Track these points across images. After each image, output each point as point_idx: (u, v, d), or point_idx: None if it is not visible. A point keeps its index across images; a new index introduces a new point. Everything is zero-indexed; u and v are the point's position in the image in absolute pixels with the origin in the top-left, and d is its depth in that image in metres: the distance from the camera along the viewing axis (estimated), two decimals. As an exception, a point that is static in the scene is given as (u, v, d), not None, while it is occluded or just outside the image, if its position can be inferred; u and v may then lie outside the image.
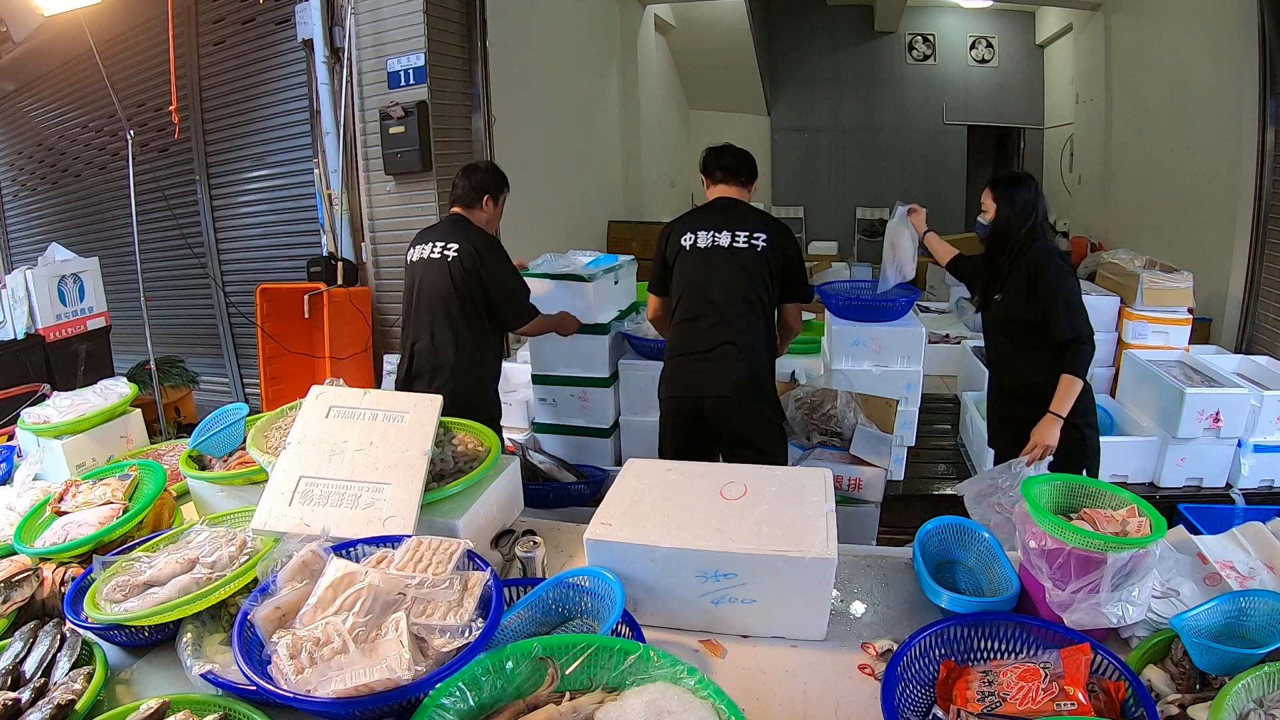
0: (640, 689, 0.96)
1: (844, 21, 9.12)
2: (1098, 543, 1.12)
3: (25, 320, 3.60)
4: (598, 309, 2.99)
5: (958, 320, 5.38)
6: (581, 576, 1.27)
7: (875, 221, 9.54)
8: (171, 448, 2.05)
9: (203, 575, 1.25)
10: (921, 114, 9.26)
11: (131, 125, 3.80)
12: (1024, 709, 0.99)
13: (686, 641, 1.29)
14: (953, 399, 4.11)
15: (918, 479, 3.32)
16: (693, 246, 2.34)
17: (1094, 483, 1.31)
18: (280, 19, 4.03)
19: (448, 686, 0.95)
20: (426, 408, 1.59)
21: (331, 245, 3.95)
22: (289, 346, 3.97)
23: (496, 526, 1.62)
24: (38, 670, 1.15)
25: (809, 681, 1.19)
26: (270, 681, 0.96)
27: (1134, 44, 6.20)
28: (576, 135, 5.98)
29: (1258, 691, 0.97)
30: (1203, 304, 3.97)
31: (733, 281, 2.27)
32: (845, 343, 3.05)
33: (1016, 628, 1.17)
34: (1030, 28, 8.84)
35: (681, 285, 2.35)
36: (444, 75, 3.78)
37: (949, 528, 1.48)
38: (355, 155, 3.86)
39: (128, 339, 4.57)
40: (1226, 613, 1.13)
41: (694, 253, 2.33)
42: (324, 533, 1.23)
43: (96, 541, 1.42)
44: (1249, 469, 3.00)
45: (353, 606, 1.02)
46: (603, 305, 3.03)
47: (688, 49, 8.77)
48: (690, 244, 2.34)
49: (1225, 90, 4.46)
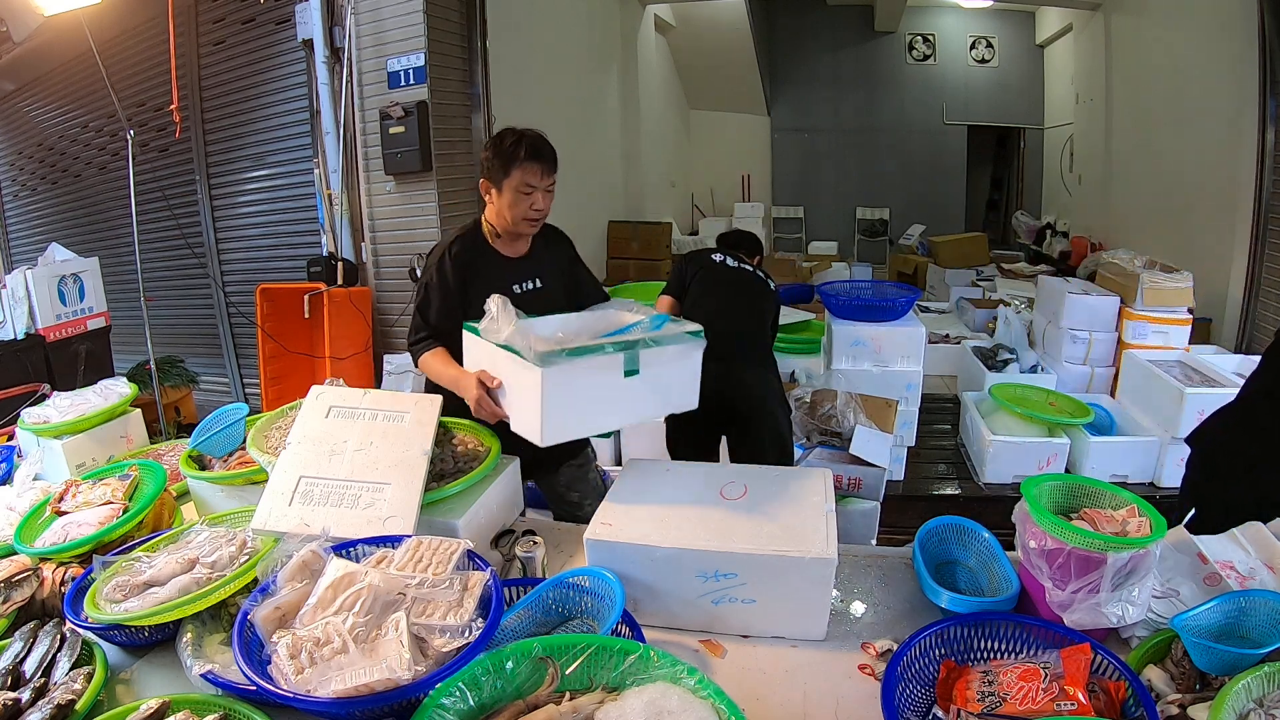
0: (640, 689, 0.96)
1: (844, 21, 9.12)
2: (1098, 543, 1.12)
3: (25, 320, 3.60)
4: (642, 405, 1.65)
5: (958, 320, 5.39)
6: (581, 576, 1.27)
7: (875, 222, 9.55)
8: (171, 448, 2.05)
9: (203, 575, 1.25)
10: (921, 114, 9.26)
11: (131, 125, 3.80)
12: (1024, 709, 0.99)
13: (686, 641, 1.29)
14: (953, 399, 4.11)
15: (918, 479, 3.32)
16: (722, 262, 2.59)
17: (1094, 482, 1.31)
18: (280, 19, 4.03)
19: (448, 686, 0.95)
20: (426, 408, 1.59)
21: (331, 245, 3.95)
22: (289, 346, 3.97)
23: (496, 526, 1.62)
24: (38, 670, 1.15)
25: (809, 681, 1.19)
26: (270, 681, 0.96)
27: (1134, 44, 6.20)
28: (576, 135, 5.97)
29: (1258, 691, 0.97)
30: (1203, 304, 3.97)
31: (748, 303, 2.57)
32: (845, 343, 3.05)
33: (1016, 628, 1.17)
34: (1030, 28, 8.84)
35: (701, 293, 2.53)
36: (444, 75, 3.78)
37: (949, 528, 1.48)
38: (355, 155, 3.86)
39: (128, 339, 4.57)
40: (1226, 613, 1.13)
41: (722, 268, 2.57)
42: (324, 533, 1.23)
43: (96, 541, 1.42)
44: (1249, 469, 3.00)
45: (353, 606, 1.02)
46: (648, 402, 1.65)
47: (688, 49, 8.77)
48: (720, 260, 2.60)
49: (1225, 90, 4.46)
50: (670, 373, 1.59)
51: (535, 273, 1.94)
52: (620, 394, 1.54)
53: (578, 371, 1.46)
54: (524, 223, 1.83)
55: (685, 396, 1.66)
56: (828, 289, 3.26)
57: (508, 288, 1.85)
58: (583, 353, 1.46)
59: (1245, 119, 3.99)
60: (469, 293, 1.84)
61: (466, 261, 1.87)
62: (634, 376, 1.53)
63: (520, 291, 1.90)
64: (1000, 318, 4.26)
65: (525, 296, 1.88)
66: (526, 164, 1.77)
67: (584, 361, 1.46)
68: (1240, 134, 4.07)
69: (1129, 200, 6.33)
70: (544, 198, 1.82)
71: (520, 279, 1.91)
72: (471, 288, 1.84)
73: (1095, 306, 3.74)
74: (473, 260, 1.88)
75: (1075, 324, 3.76)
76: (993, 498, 3.13)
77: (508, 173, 1.77)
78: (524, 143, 1.77)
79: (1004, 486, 3.18)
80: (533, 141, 1.79)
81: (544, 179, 1.80)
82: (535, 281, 1.94)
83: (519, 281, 1.91)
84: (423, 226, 3.83)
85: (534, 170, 1.78)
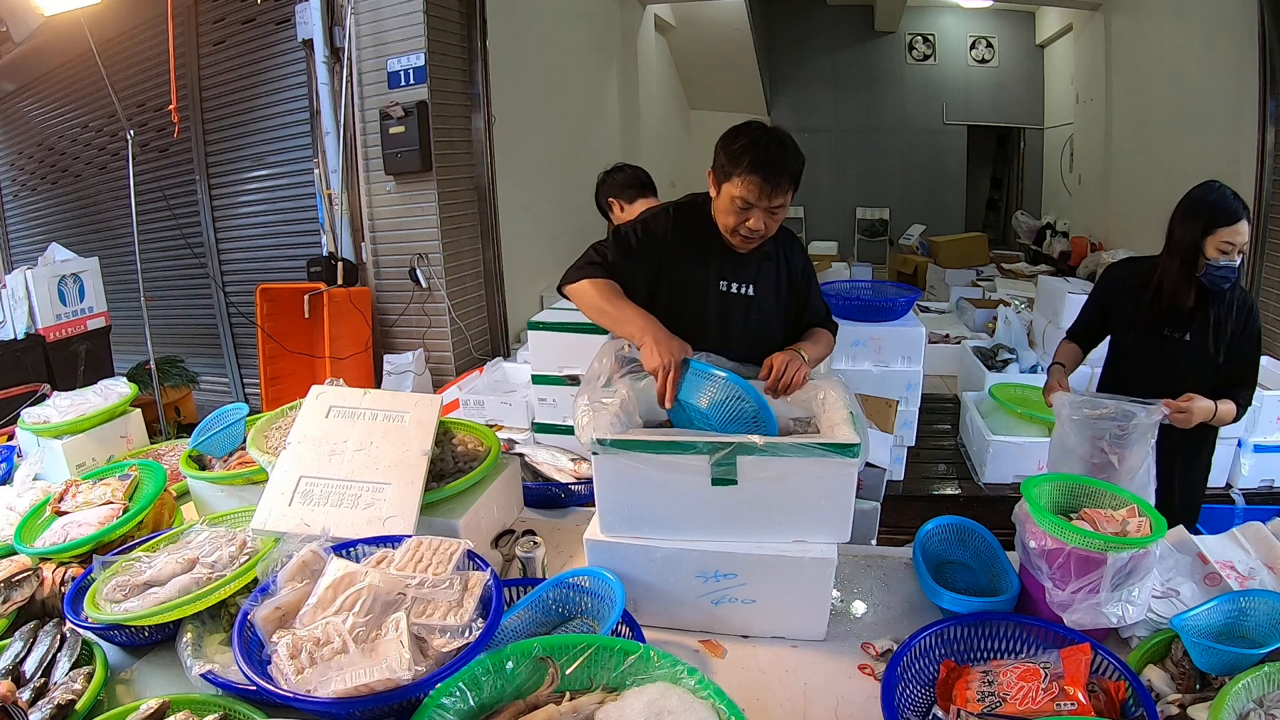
0: (640, 689, 0.96)
1: (844, 21, 9.12)
2: (1098, 543, 1.12)
3: (25, 320, 3.60)
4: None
5: (958, 320, 5.39)
6: (581, 576, 1.27)
7: (875, 222, 9.54)
8: (171, 448, 2.05)
9: (203, 575, 1.25)
10: (921, 114, 9.26)
11: (131, 125, 3.80)
12: (1024, 709, 0.99)
13: (686, 641, 1.29)
14: (953, 399, 4.11)
15: (918, 479, 3.31)
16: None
17: (1094, 482, 1.31)
18: (280, 19, 4.03)
19: (448, 686, 0.95)
20: (426, 407, 1.59)
21: (331, 245, 3.95)
22: (289, 346, 3.97)
23: (496, 526, 1.62)
24: (38, 670, 1.15)
25: (809, 681, 1.19)
26: (270, 681, 0.96)
27: (1134, 44, 6.20)
28: (576, 135, 5.97)
29: (1258, 691, 0.98)
30: (1203, 304, 3.96)
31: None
32: (845, 343, 3.04)
33: (1016, 628, 1.17)
34: (1030, 28, 8.84)
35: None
36: (444, 75, 3.78)
37: (949, 528, 1.48)
38: (355, 155, 3.86)
39: (128, 339, 4.57)
40: (1226, 613, 1.13)
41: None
42: (324, 533, 1.23)
43: (96, 541, 1.42)
44: (1249, 469, 3.00)
45: (353, 606, 1.02)
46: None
47: (688, 49, 8.76)
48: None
49: (1225, 90, 4.46)
50: (795, 490, 1.23)
51: (753, 277, 1.61)
52: (707, 505, 1.25)
53: (636, 465, 1.23)
54: (735, 237, 1.53)
55: (831, 524, 1.25)
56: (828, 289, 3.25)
57: (714, 282, 1.58)
58: (640, 448, 1.22)
59: (1245, 119, 3.99)
60: (665, 263, 1.55)
61: (685, 229, 1.57)
62: (728, 487, 1.23)
63: (726, 290, 1.60)
64: (1000, 318, 4.26)
65: (731, 300, 1.60)
66: (748, 176, 1.44)
67: (644, 457, 1.22)
68: (1240, 134, 4.07)
69: (1129, 200, 6.33)
70: (763, 219, 1.48)
71: (732, 278, 1.60)
72: (672, 260, 1.55)
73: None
74: (692, 231, 1.57)
75: (1075, 324, 3.75)
76: (993, 498, 3.13)
77: (729, 177, 1.47)
78: (754, 151, 1.44)
79: (1004, 486, 3.18)
80: (764, 152, 1.44)
81: (768, 198, 1.45)
82: (748, 288, 1.61)
83: (729, 280, 1.59)
84: (423, 226, 3.83)
85: (753, 186, 1.44)
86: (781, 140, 1.47)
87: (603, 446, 1.22)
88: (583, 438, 1.24)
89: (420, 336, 3.98)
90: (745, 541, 1.26)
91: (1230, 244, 1.80)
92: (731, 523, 1.26)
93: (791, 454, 1.18)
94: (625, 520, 1.29)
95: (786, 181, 1.46)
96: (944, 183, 9.41)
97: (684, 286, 1.59)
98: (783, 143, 1.47)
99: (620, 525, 1.29)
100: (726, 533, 1.26)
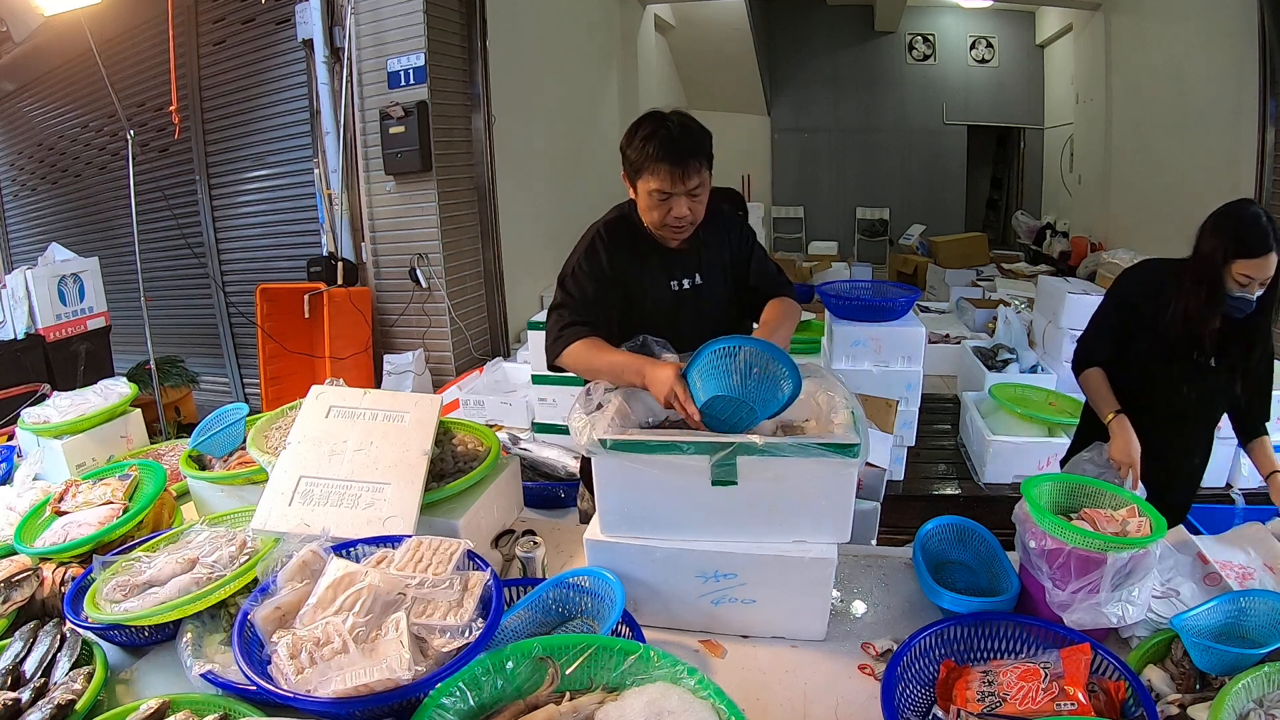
0: (640, 689, 0.96)
1: (844, 21, 9.12)
2: (1098, 543, 1.12)
3: (25, 320, 3.60)
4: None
5: (958, 320, 5.39)
6: (581, 576, 1.27)
7: (875, 222, 9.55)
8: (171, 448, 2.05)
9: (203, 575, 1.25)
10: (921, 114, 9.26)
11: (131, 125, 3.80)
12: (1024, 709, 0.99)
13: (686, 641, 1.29)
14: (953, 399, 4.11)
15: (918, 479, 3.31)
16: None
17: (1094, 482, 1.31)
18: (280, 19, 4.03)
19: (448, 686, 0.95)
20: (426, 407, 1.59)
21: (331, 245, 3.95)
22: (289, 346, 3.97)
23: (496, 526, 1.62)
24: (38, 670, 1.15)
25: (809, 681, 1.19)
26: (270, 681, 0.96)
27: (1134, 44, 6.20)
28: (576, 135, 5.97)
29: (1258, 691, 0.98)
30: (1203, 304, 3.96)
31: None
32: (845, 343, 3.05)
33: (1016, 628, 1.17)
34: (1030, 28, 8.84)
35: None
36: (444, 75, 3.79)
37: (949, 528, 1.48)
38: (355, 155, 3.86)
39: (128, 339, 4.57)
40: (1226, 613, 1.13)
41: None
42: (324, 533, 1.23)
43: (96, 541, 1.42)
44: (1249, 469, 3.00)
45: (353, 606, 1.02)
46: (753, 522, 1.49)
47: (688, 49, 8.77)
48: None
49: (1225, 90, 4.46)
50: (794, 489, 1.22)
51: (697, 266, 1.62)
52: (706, 504, 1.25)
53: (636, 465, 1.22)
54: (666, 230, 1.52)
55: (831, 524, 1.24)
56: (828, 289, 3.25)
57: (665, 286, 1.59)
58: (641, 449, 1.21)
59: (1245, 119, 3.99)
60: (619, 286, 1.55)
61: (620, 248, 1.56)
62: (727, 487, 1.22)
63: (680, 289, 1.61)
64: (1000, 318, 4.25)
65: (684, 297, 1.61)
66: (656, 165, 1.42)
67: (644, 458, 1.22)
68: (1240, 134, 4.07)
69: (1129, 200, 6.33)
70: (686, 203, 1.46)
71: (681, 275, 1.60)
72: (623, 282, 1.55)
73: (1095, 306, 3.72)
74: (628, 246, 1.57)
75: (1075, 324, 3.75)
76: (993, 498, 3.13)
77: (639, 172, 1.46)
78: (655, 139, 1.42)
79: (1004, 486, 3.18)
80: (666, 137, 1.42)
81: (683, 182, 1.43)
82: (695, 278, 1.62)
83: (678, 279, 1.60)
84: (422, 226, 3.84)
85: (664, 173, 1.42)
86: (682, 122, 1.45)
87: (603, 447, 1.22)
88: (580, 439, 1.24)
89: (420, 336, 3.99)
90: (745, 541, 1.26)
91: (1250, 277, 1.64)
92: (731, 523, 1.26)
93: (791, 454, 1.18)
94: (625, 520, 1.29)
95: (697, 161, 1.44)
96: (944, 183, 9.41)
97: (639, 303, 1.59)
98: (684, 125, 1.45)
99: (620, 525, 1.30)
100: (726, 533, 1.27)
